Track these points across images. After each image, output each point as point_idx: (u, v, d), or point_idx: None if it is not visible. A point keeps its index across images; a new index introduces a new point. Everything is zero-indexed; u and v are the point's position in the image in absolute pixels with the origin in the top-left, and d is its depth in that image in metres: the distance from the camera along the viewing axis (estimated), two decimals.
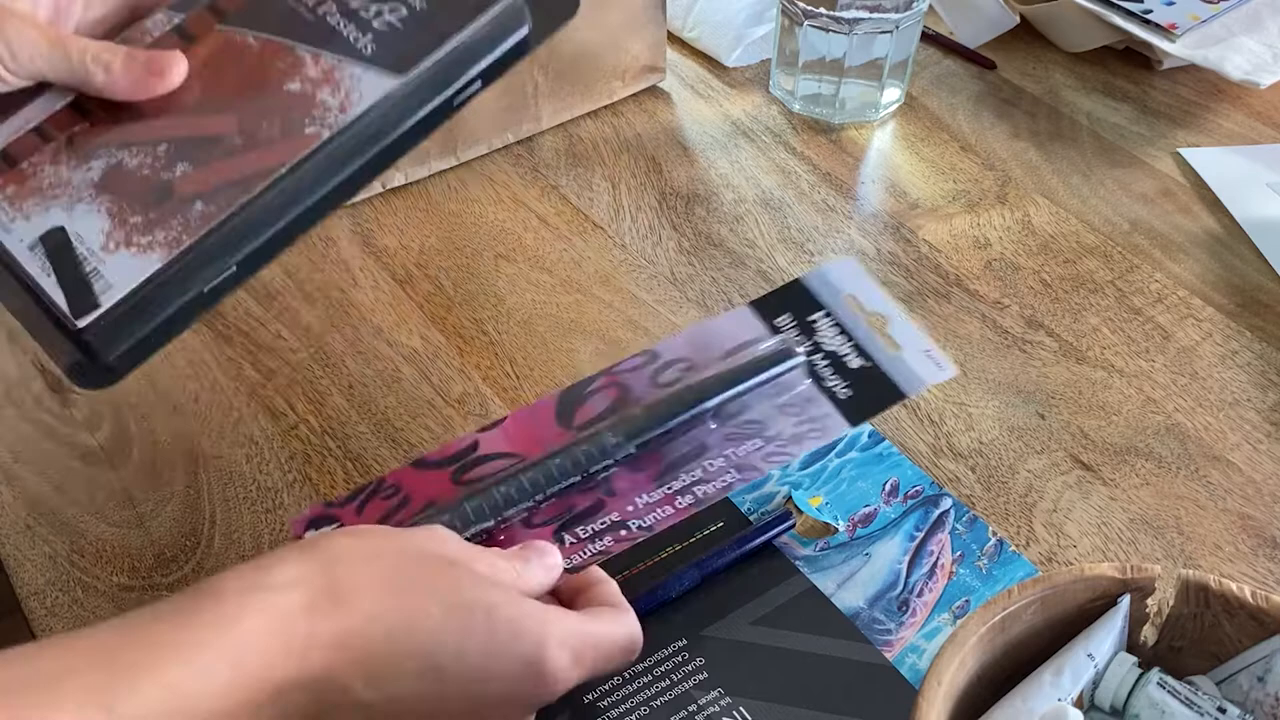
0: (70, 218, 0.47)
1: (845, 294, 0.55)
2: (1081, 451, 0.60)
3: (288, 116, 0.48)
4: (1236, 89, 0.85)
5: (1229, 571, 0.55)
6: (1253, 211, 0.75)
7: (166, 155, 0.48)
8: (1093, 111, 0.83)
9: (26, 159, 0.49)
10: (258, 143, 0.48)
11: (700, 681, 0.50)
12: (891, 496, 0.57)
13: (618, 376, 0.54)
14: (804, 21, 0.79)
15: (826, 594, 0.53)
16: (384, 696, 0.40)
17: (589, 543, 0.50)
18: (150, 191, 0.48)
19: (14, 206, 0.48)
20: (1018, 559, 0.55)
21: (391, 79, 0.49)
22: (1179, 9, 0.85)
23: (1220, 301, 0.69)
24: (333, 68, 0.49)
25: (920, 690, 0.37)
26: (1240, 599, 0.40)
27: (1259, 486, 0.58)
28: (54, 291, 0.46)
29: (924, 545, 0.55)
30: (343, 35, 0.50)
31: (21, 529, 0.57)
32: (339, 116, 0.48)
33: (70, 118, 0.49)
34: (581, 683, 0.45)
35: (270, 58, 0.50)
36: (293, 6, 0.51)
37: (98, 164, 0.48)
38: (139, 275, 0.46)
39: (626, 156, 0.78)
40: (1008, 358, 0.65)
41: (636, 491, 0.51)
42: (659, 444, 0.52)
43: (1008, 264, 0.71)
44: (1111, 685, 0.40)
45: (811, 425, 0.52)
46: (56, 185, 0.48)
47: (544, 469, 0.51)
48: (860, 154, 0.79)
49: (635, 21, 0.79)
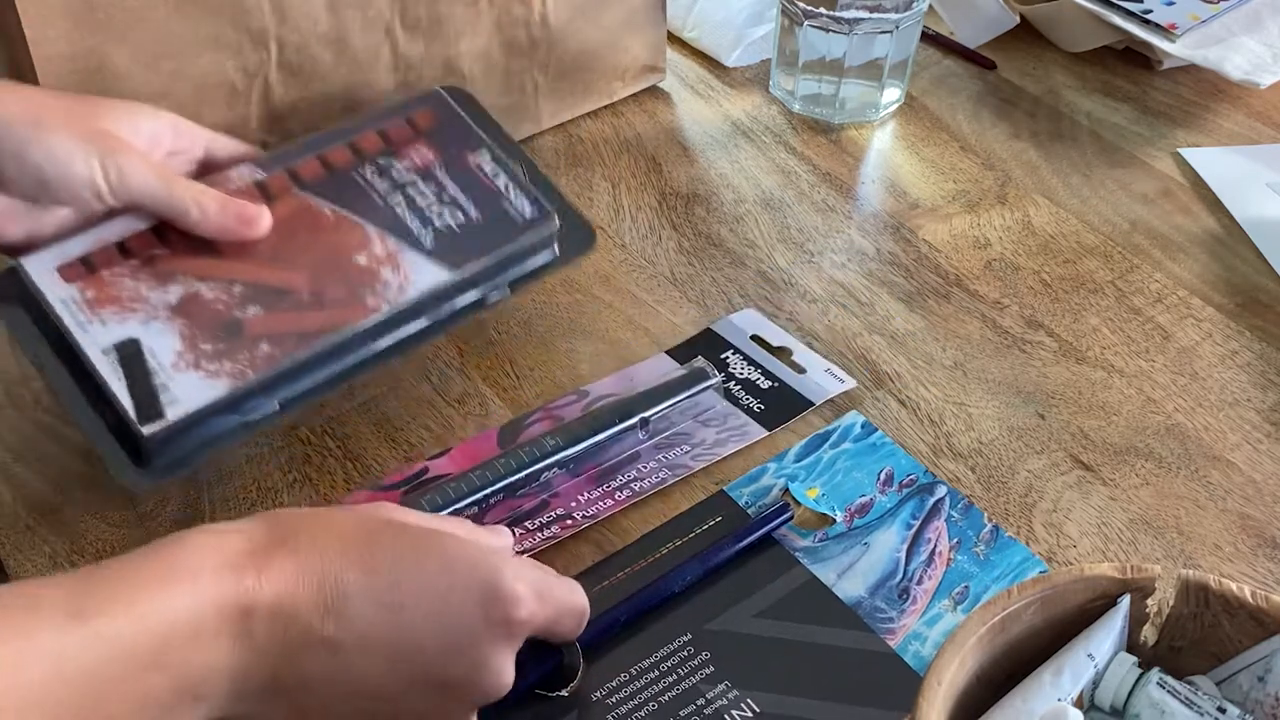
0: (145, 332, 0.53)
1: (750, 334, 0.65)
2: (1081, 451, 0.60)
3: (354, 285, 0.56)
4: (1236, 89, 0.85)
5: (1229, 571, 0.55)
6: (1252, 211, 0.75)
7: (240, 296, 0.55)
8: (1093, 111, 0.83)
9: (107, 269, 0.54)
10: (324, 303, 0.55)
11: (707, 675, 0.50)
12: (886, 486, 0.58)
13: (553, 410, 0.61)
14: (804, 21, 0.79)
15: (827, 584, 0.54)
16: (348, 633, 0.41)
17: (538, 532, 0.55)
18: (223, 325, 0.54)
19: (92, 310, 0.53)
20: (1014, 544, 0.55)
21: (446, 271, 0.57)
22: (1179, 9, 0.85)
23: (1220, 301, 0.69)
24: (397, 251, 0.57)
25: (920, 690, 0.37)
26: (1240, 599, 0.40)
27: (1259, 486, 0.58)
28: (123, 396, 0.51)
29: (921, 533, 0.56)
30: (408, 226, 0.59)
31: (21, 529, 0.57)
32: (398, 295, 0.56)
33: (150, 241, 0.55)
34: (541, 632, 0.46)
35: (343, 230, 0.58)
36: (366, 189, 0.59)
37: (175, 289, 0.54)
38: (204, 398, 0.52)
39: (626, 156, 0.78)
40: (1008, 358, 0.65)
41: (578, 492, 0.57)
42: (594, 455, 0.58)
43: (1008, 264, 0.71)
44: (1111, 685, 0.40)
45: (732, 432, 0.60)
46: (134, 300, 0.54)
47: (490, 467, 0.55)
48: (860, 154, 0.79)
49: (635, 21, 0.79)
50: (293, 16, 0.65)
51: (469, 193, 0.61)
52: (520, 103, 0.77)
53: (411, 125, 0.63)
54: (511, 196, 0.61)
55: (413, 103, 0.64)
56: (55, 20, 0.58)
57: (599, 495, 0.57)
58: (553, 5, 0.74)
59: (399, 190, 0.60)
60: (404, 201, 0.59)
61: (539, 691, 0.49)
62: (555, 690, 0.49)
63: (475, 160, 0.62)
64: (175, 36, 0.62)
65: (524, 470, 0.55)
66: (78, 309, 0.53)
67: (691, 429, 0.60)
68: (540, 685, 0.49)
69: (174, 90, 0.63)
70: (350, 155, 0.61)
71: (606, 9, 0.77)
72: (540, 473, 0.56)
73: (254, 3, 0.63)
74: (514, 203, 0.60)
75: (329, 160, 0.61)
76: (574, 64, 0.78)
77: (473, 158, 0.62)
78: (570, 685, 0.49)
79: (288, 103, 0.67)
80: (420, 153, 0.62)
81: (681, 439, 0.60)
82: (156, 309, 0.54)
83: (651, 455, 0.59)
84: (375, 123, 0.63)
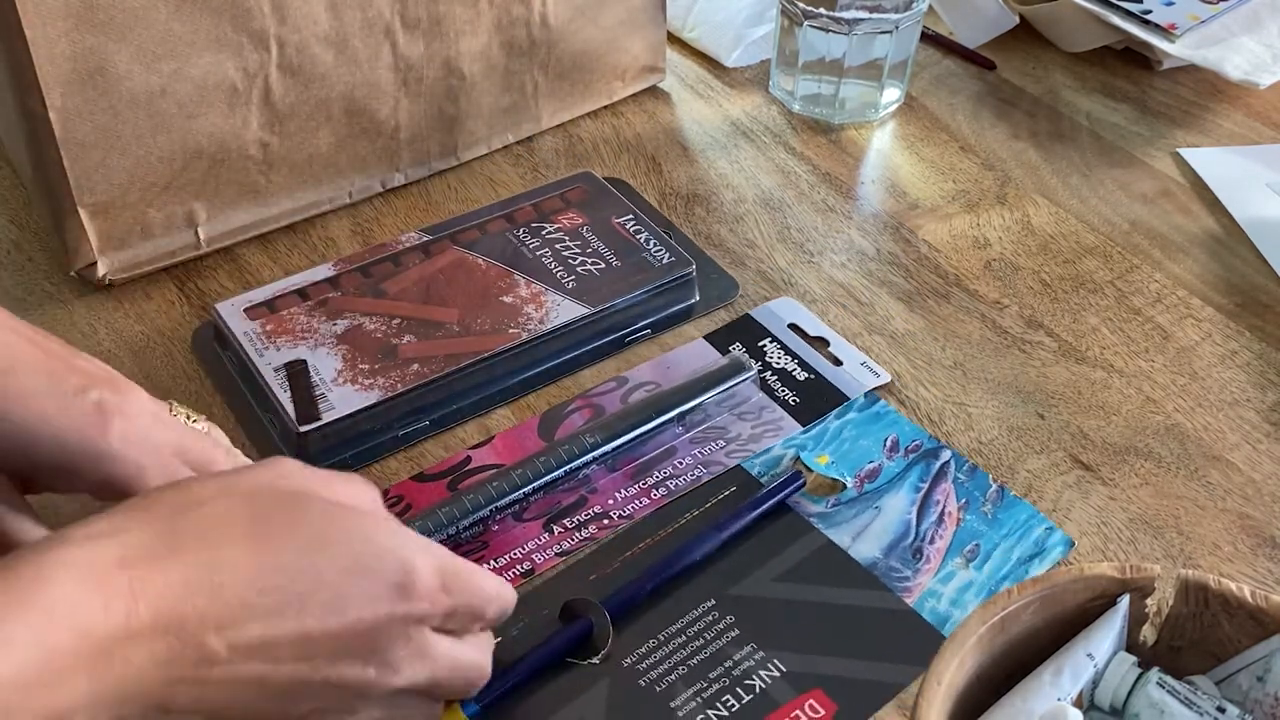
0: (312, 355, 0.60)
1: (788, 323, 0.66)
2: (1081, 451, 0.60)
3: (498, 319, 0.62)
4: (1236, 89, 0.85)
5: (1228, 571, 0.55)
6: (1252, 211, 0.75)
7: (398, 327, 0.62)
8: (1092, 111, 0.83)
9: (286, 309, 0.63)
10: (471, 332, 0.62)
11: (733, 638, 0.52)
12: (893, 452, 0.59)
13: (592, 398, 0.62)
14: (804, 21, 0.79)
15: (843, 547, 0.55)
16: (246, 644, 0.38)
17: (576, 531, 0.56)
18: (380, 349, 0.61)
19: (269, 340, 0.61)
20: (1020, 503, 0.57)
21: (584, 308, 0.63)
22: (1179, 9, 0.85)
23: (1220, 301, 0.69)
24: (540, 292, 0.64)
25: (920, 690, 0.37)
26: (1240, 599, 0.40)
27: (1259, 486, 0.58)
28: (286, 403, 0.58)
29: (930, 495, 0.57)
30: (552, 272, 0.65)
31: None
32: (538, 326, 0.62)
33: (326, 288, 0.64)
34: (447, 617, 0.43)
35: (493, 276, 0.65)
36: (517, 245, 0.67)
37: (342, 323, 0.62)
38: (357, 404, 0.58)
39: (626, 156, 0.78)
40: (1007, 358, 0.65)
41: (615, 489, 0.58)
42: (632, 448, 0.59)
43: (1007, 264, 0.71)
44: (1111, 685, 0.40)
45: (767, 427, 0.61)
46: (306, 331, 0.62)
47: (531, 465, 0.57)
48: (860, 154, 0.79)
49: (635, 21, 0.79)
50: (293, 16, 0.65)
51: (611, 246, 0.67)
52: (520, 103, 0.77)
53: (563, 199, 0.70)
54: (651, 248, 0.67)
55: (566, 181, 0.72)
56: (55, 20, 0.58)
57: (635, 493, 0.58)
58: (553, 5, 0.74)
59: (547, 245, 0.67)
60: (551, 254, 0.66)
61: (570, 660, 0.51)
62: (586, 658, 0.51)
63: (619, 221, 0.69)
64: (175, 36, 0.62)
65: (563, 467, 0.57)
66: (257, 339, 0.61)
67: (727, 422, 0.61)
68: (571, 653, 0.51)
69: (174, 90, 0.63)
70: (505, 223, 0.68)
71: (606, 9, 0.77)
72: (579, 469, 0.58)
73: (254, 3, 0.63)
74: (652, 253, 0.66)
75: (486, 227, 0.68)
76: (574, 64, 0.78)
77: (617, 220, 0.69)
78: (601, 653, 0.51)
79: (288, 103, 0.67)
80: (569, 218, 0.69)
81: (717, 433, 0.60)
82: (324, 338, 0.61)
83: (687, 450, 0.60)
84: (530, 198, 0.70)
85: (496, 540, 0.55)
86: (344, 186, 0.73)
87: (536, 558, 0.55)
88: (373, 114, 0.71)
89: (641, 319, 0.65)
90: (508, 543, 0.55)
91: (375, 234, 0.72)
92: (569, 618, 0.52)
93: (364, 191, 0.73)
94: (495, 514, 0.55)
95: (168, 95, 0.63)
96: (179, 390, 0.62)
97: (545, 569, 0.54)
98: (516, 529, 0.56)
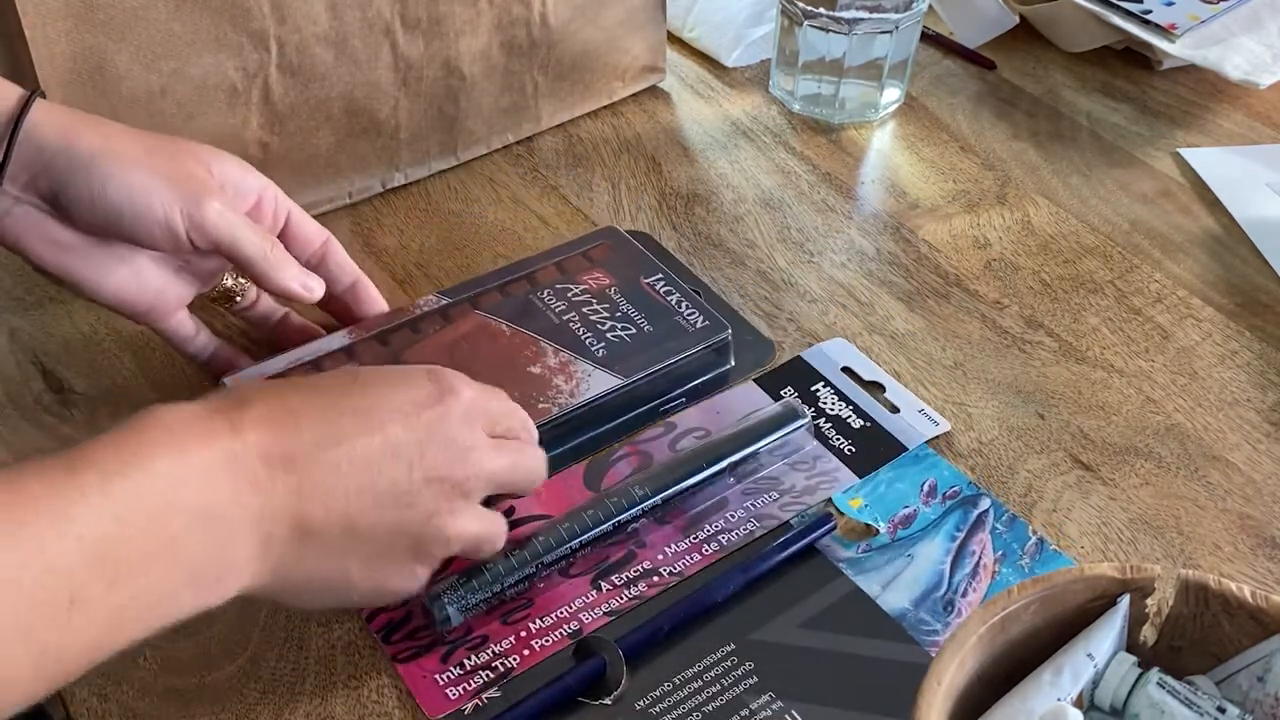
0: None
1: (841, 366, 0.63)
2: (1081, 451, 0.60)
3: (526, 391, 0.59)
4: (1236, 89, 0.85)
5: (1229, 571, 0.55)
6: (1252, 211, 0.75)
7: None
8: (1092, 111, 0.83)
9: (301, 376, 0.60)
10: None
11: (751, 686, 0.50)
12: (930, 497, 0.57)
13: (639, 445, 0.60)
14: (804, 21, 0.79)
15: (871, 596, 0.53)
16: (340, 515, 0.44)
17: (625, 589, 0.54)
18: None
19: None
20: (1059, 557, 0.55)
21: (616, 378, 0.60)
22: (1179, 9, 0.85)
23: (1220, 301, 0.69)
24: (569, 361, 0.60)
25: (920, 690, 0.37)
26: (1240, 599, 0.40)
27: (1259, 486, 0.58)
28: None
29: (965, 545, 0.55)
30: (581, 340, 0.61)
31: None
32: (568, 399, 0.59)
33: (342, 358, 0.61)
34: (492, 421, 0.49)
35: (518, 343, 0.61)
36: (542, 309, 0.63)
37: None
38: None
39: (626, 156, 0.78)
40: (1007, 358, 0.65)
41: (665, 543, 0.55)
42: (683, 500, 0.57)
43: (1007, 264, 0.71)
44: (1111, 685, 0.40)
45: (823, 478, 0.58)
46: None
47: (578, 519, 0.54)
48: (860, 154, 0.79)
49: (635, 21, 0.79)
50: (293, 16, 0.65)
51: (641, 309, 0.63)
52: (520, 103, 0.77)
53: (587, 258, 0.67)
54: (683, 311, 0.63)
55: (589, 238, 0.69)
56: (55, 20, 0.59)
57: (686, 549, 0.55)
58: (553, 5, 0.74)
59: (574, 309, 0.63)
60: (578, 319, 0.63)
61: (581, 699, 0.49)
62: (598, 698, 0.49)
63: (648, 282, 0.65)
64: (175, 36, 0.62)
65: (611, 520, 0.54)
66: None
67: (780, 472, 0.58)
68: (583, 693, 0.49)
69: (174, 90, 0.63)
70: (527, 284, 0.65)
71: (606, 9, 0.77)
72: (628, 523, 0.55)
73: (254, 3, 0.63)
74: (685, 316, 0.63)
75: (508, 289, 0.65)
76: (574, 64, 0.78)
77: (646, 281, 0.65)
78: (613, 693, 0.49)
79: (288, 103, 0.67)
80: (595, 278, 0.65)
81: (769, 484, 0.58)
82: None
83: (739, 502, 0.57)
84: (552, 257, 0.67)
85: (542, 598, 0.53)
86: (344, 186, 0.73)
87: (584, 617, 0.52)
88: (372, 114, 0.71)
89: (676, 387, 0.62)
90: (554, 600, 0.53)
91: (376, 235, 0.72)
92: (582, 655, 0.50)
93: (364, 191, 0.73)
94: (541, 569, 0.53)
95: (167, 95, 0.63)
96: (179, 390, 0.62)
97: (594, 628, 0.52)
98: (563, 585, 0.53)
